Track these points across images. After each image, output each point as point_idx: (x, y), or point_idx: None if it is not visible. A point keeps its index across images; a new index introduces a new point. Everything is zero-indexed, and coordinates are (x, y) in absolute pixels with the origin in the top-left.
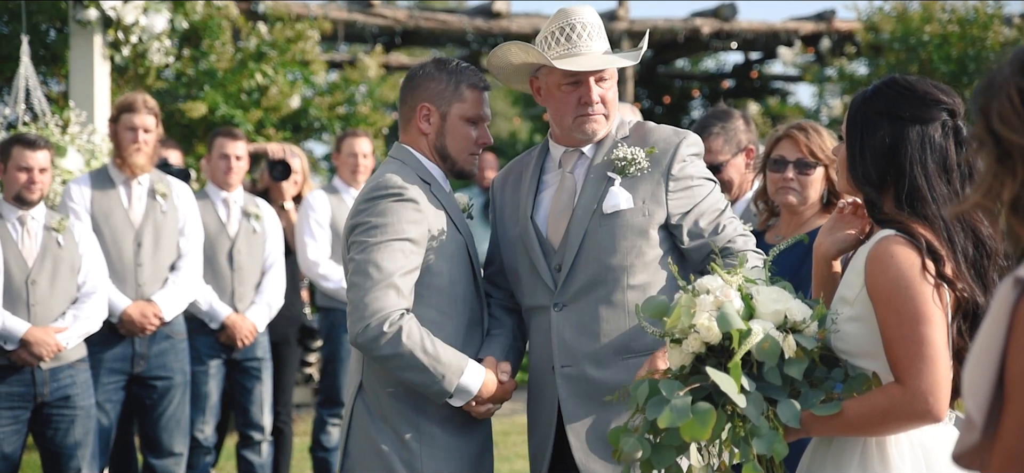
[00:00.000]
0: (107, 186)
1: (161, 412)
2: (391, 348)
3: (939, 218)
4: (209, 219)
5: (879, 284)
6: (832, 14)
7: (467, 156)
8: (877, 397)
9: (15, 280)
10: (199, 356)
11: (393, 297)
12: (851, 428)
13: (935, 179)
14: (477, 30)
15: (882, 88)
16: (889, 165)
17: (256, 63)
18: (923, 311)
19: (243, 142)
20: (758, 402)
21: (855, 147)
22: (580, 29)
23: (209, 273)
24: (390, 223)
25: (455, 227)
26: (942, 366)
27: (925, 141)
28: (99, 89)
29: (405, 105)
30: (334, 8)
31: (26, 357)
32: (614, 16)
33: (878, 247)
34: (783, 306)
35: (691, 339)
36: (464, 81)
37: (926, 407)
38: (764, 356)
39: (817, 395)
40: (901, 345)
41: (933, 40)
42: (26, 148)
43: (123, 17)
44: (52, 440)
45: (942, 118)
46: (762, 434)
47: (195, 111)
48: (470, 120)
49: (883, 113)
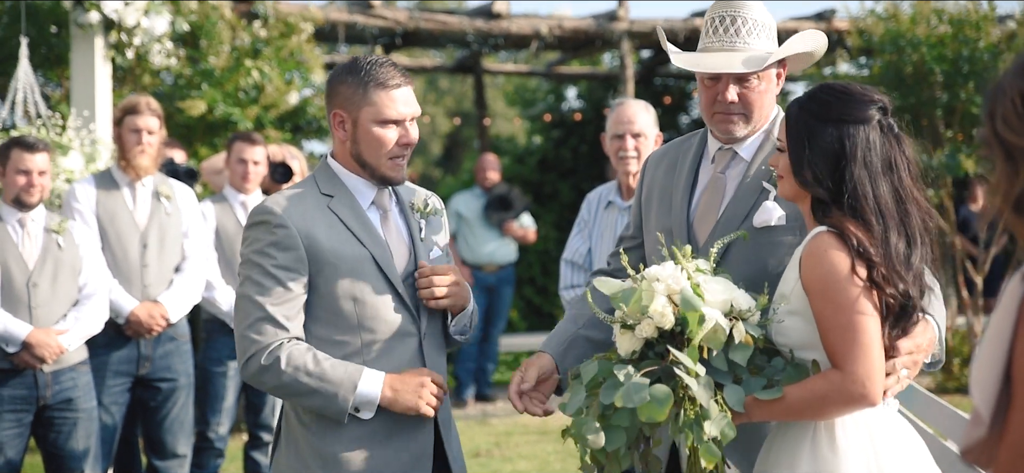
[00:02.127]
0: (112, 188)
1: (165, 414)
2: (273, 379)
3: (878, 217)
4: (228, 222)
5: (813, 278)
6: (832, 13)
7: (387, 161)
8: (816, 382)
9: (16, 283)
10: (218, 357)
11: (269, 329)
12: (792, 412)
13: (878, 177)
14: (477, 31)
15: (818, 94)
16: (836, 168)
17: (252, 60)
18: (855, 301)
19: (261, 147)
20: (709, 386)
21: (802, 153)
22: (729, 22)
23: (229, 275)
24: (260, 252)
25: (358, 241)
26: (876, 352)
27: (868, 141)
28: (100, 91)
29: (327, 112)
30: (334, 9)
31: (28, 360)
32: (614, 16)
33: (812, 243)
34: (729, 296)
35: (644, 324)
36: (372, 81)
37: (862, 391)
38: (713, 342)
39: (759, 381)
40: (837, 334)
41: (926, 41)
42: (25, 151)
43: (124, 19)
44: (54, 443)
45: (878, 117)
46: (713, 417)
47: (194, 109)
48: (383, 122)
49: (825, 119)
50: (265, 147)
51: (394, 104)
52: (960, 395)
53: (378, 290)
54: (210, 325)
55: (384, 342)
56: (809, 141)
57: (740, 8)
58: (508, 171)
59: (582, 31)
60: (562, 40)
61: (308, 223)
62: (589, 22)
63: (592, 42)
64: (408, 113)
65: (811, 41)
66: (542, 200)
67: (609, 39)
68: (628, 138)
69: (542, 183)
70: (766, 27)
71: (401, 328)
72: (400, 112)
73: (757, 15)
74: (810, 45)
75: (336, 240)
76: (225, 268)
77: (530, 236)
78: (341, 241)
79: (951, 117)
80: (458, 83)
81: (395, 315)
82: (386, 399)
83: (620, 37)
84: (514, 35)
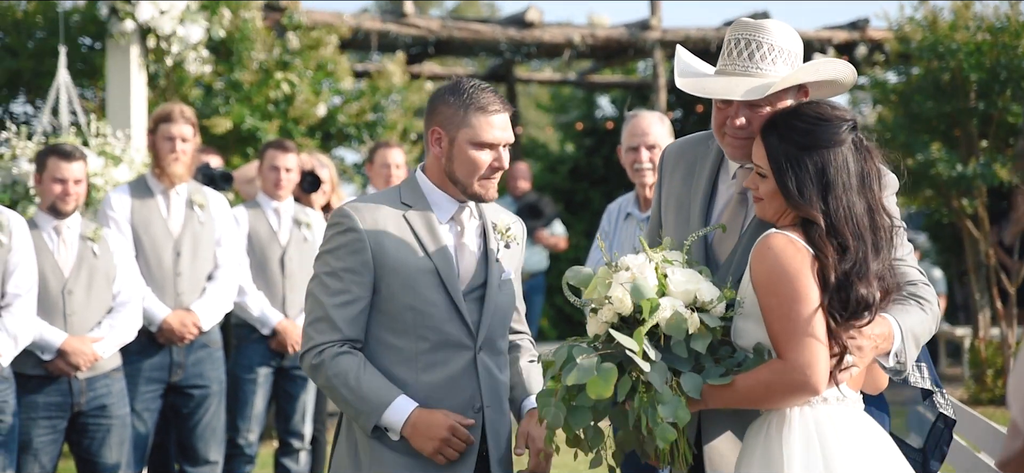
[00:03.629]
0: (146, 196)
1: (197, 421)
2: (320, 379)
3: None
4: (261, 228)
5: (759, 273)
6: (866, 22)
7: (476, 181)
8: (761, 371)
9: (52, 290)
10: (248, 364)
11: (325, 330)
12: (740, 398)
13: (854, 197)
14: (510, 40)
15: (794, 122)
16: (821, 193)
17: (282, 72)
18: (800, 291)
19: (294, 154)
20: (662, 371)
21: (788, 180)
22: (743, 46)
23: (261, 280)
24: (330, 252)
25: (424, 253)
26: (820, 342)
27: (844, 163)
28: (136, 100)
29: (425, 128)
30: (367, 18)
31: (63, 367)
32: (646, 25)
33: (760, 243)
34: (694, 287)
35: (605, 309)
36: (473, 105)
37: (805, 379)
38: (671, 330)
39: (718, 370)
40: (780, 323)
41: (964, 48)
42: (61, 159)
43: (160, 27)
44: (88, 449)
45: (851, 137)
46: (666, 401)
47: (220, 127)
48: (478, 145)
49: (804, 147)
50: (298, 155)
51: (491, 129)
52: (993, 407)
53: (437, 301)
54: (240, 331)
55: (438, 352)
56: (793, 168)
57: (759, 32)
58: (540, 179)
59: (615, 40)
60: (595, 49)
61: (379, 229)
62: (622, 31)
63: (625, 51)
64: (503, 138)
65: (827, 70)
66: (574, 208)
67: (641, 48)
68: (643, 150)
69: (574, 191)
70: (785, 52)
71: (456, 340)
72: (496, 137)
73: (777, 40)
74: (827, 74)
75: (404, 249)
76: (256, 274)
77: (561, 244)
78: (408, 251)
79: (987, 126)
80: None
81: (451, 327)
82: (407, 431)
83: (653, 46)
84: (547, 44)
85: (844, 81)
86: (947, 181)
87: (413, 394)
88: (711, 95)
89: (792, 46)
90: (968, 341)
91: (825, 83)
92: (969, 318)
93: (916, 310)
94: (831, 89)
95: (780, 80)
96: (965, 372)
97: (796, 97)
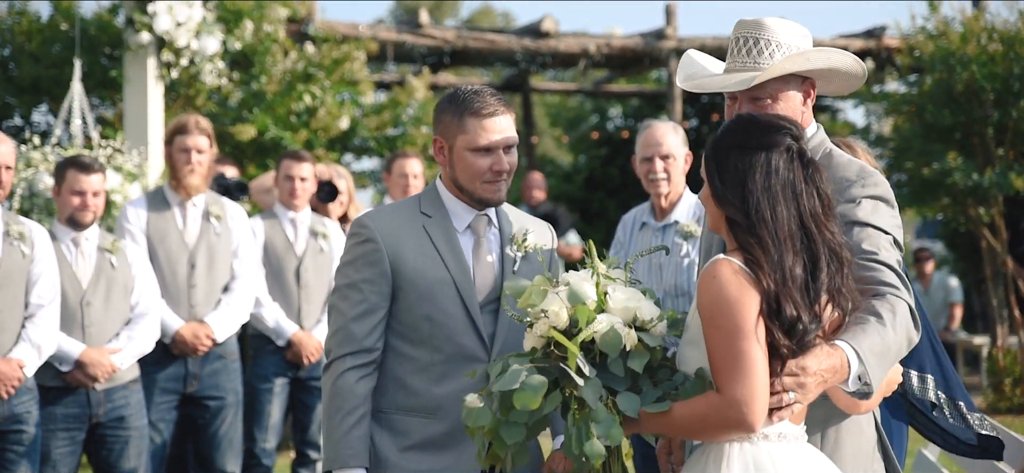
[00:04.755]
0: (162, 207)
1: (214, 431)
2: (327, 387)
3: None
4: (277, 238)
5: (705, 302)
6: (882, 31)
7: (480, 186)
8: (698, 403)
9: (70, 301)
10: (265, 374)
11: (342, 341)
12: (675, 428)
13: (778, 201)
14: (525, 50)
15: (731, 125)
16: (742, 191)
17: (304, 84)
18: (742, 327)
19: (309, 164)
20: (596, 387)
21: (715, 179)
22: (751, 43)
23: (276, 291)
24: (350, 263)
25: (442, 264)
26: (759, 379)
27: (770, 166)
28: (153, 111)
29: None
30: (383, 29)
31: (81, 378)
32: (662, 35)
33: (707, 270)
34: (634, 305)
35: (541, 323)
36: (467, 111)
37: (741, 416)
38: (607, 346)
39: (656, 393)
40: (721, 357)
41: (977, 59)
42: (80, 171)
43: (176, 40)
44: (106, 460)
45: (786, 143)
46: (600, 419)
47: (244, 134)
48: (476, 150)
49: (733, 146)
50: (313, 164)
51: (486, 132)
52: (1012, 415)
53: (453, 313)
54: (257, 341)
55: (452, 363)
56: (720, 167)
57: (760, 29)
58: (555, 189)
59: (630, 49)
60: (610, 58)
61: (398, 239)
62: (637, 40)
63: (640, 60)
64: (501, 141)
65: (819, 59)
66: (589, 218)
67: (657, 57)
68: (657, 160)
69: (589, 201)
70: (786, 47)
71: (470, 352)
72: (492, 140)
73: (778, 36)
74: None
75: (422, 260)
76: (272, 284)
77: (576, 254)
78: (426, 261)
79: (1002, 135)
80: None
81: (466, 339)
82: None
83: (668, 55)
84: (562, 54)
85: (847, 71)
86: (963, 190)
87: (425, 405)
88: (705, 90)
89: (795, 42)
90: (986, 350)
91: (836, 77)
92: (987, 327)
93: (874, 328)
94: (843, 83)
95: (768, 71)
96: (983, 381)
97: (802, 89)
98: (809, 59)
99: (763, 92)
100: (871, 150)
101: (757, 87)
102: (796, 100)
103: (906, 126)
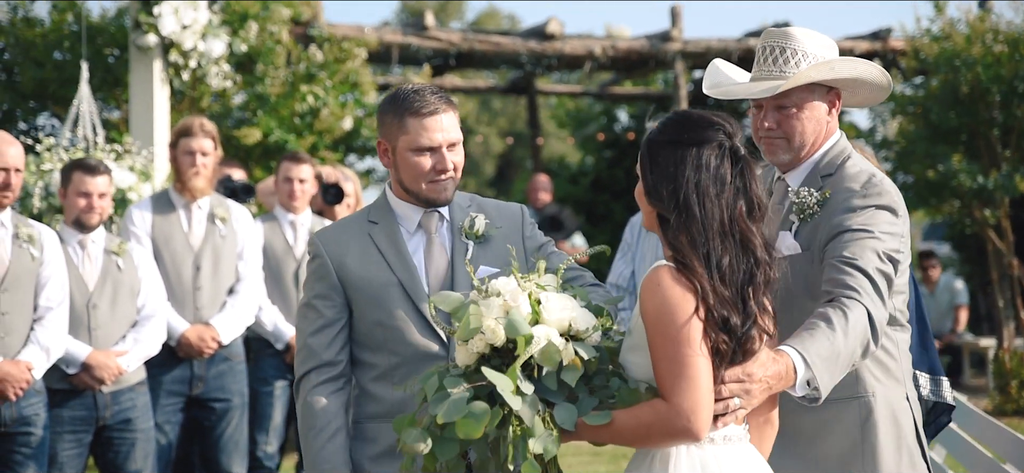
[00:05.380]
0: (167, 210)
1: (220, 433)
2: (298, 408)
3: (702, 235)
4: (276, 240)
5: (649, 309)
6: (887, 33)
7: (425, 186)
8: (643, 410)
9: (76, 304)
10: (265, 377)
11: (305, 358)
12: (619, 437)
13: (707, 197)
14: (531, 52)
15: (665, 122)
16: (670, 186)
17: (307, 85)
18: (687, 335)
19: (308, 165)
20: (534, 404)
21: (647, 175)
22: (778, 52)
23: (276, 293)
24: (306, 284)
25: (387, 267)
26: (704, 387)
27: (700, 162)
28: (159, 113)
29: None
30: (389, 31)
31: (88, 381)
32: (667, 37)
33: (649, 276)
34: (569, 315)
35: (476, 340)
36: (407, 111)
37: (687, 424)
38: (544, 361)
39: (592, 402)
40: (666, 365)
41: (982, 60)
42: (86, 173)
43: (182, 42)
44: (113, 462)
45: (718, 140)
46: (537, 434)
47: (250, 137)
48: (417, 150)
49: (665, 143)
50: (313, 166)
51: (427, 132)
52: (1018, 418)
53: (405, 314)
54: (257, 344)
55: (411, 365)
56: (651, 164)
57: (786, 38)
58: (562, 191)
59: (635, 51)
60: (615, 60)
61: (341, 251)
62: (642, 42)
63: (645, 62)
64: (442, 140)
65: (845, 69)
66: (595, 220)
67: (662, 59)
68: None
69: (595, 203)
70: (811, 56)
71: (428, 352)
72: (433, 139)
73: (803, 45)
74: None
75: (367, 266)
76: (272, 287)
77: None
78: (371, 267)
79: (1008, 136)
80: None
81: (421, 338)
82: None
83: (673, 57)
84: (567, 56)
85: (873, 82)
86: (969, 192)
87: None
88: (731, 96)
89: (820, 51)
90: (992, 352)
91: (862, 88)
92: (993, 329)
93: (823, 333)
94: (868, 94)
95: (792, 78)
96: (990, 383)
97: (827, 99)
98: (834, 68)
99: (788, 100)
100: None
101: (782, 95)
102: (821, 109)
103: (911, 128)
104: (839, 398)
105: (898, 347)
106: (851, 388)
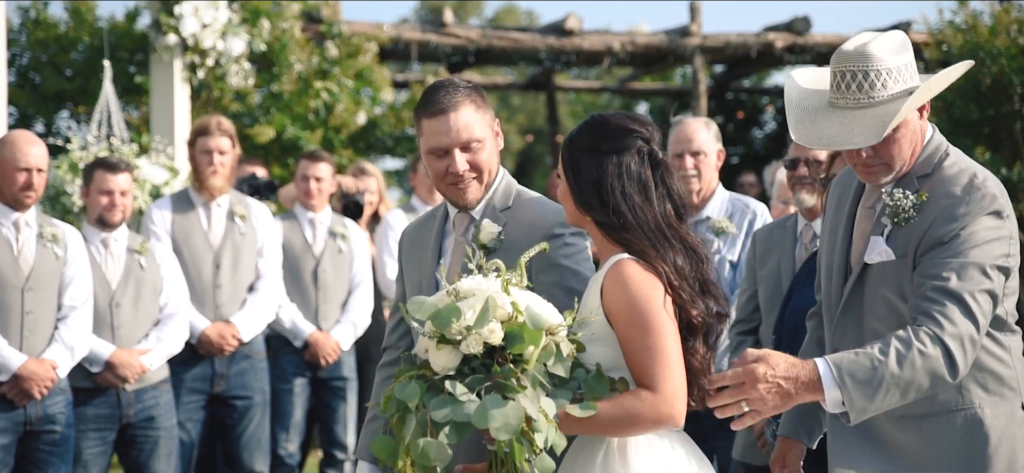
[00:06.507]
0: (187, 209)
1: (242, 431)
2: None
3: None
4: (295, 238)
5: (617, 304)
6: (908, 26)
7: (445, 189)
8: (628, 400)
9: (99, 303)
10: (284, 374)
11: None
12: (601, 427)
13: (634, 200)
14: (549, 48)
15: (583, 128)
16: (598, 193)
17: (321, 81)
18: (661, 325)
19: (326, 164)
20: (535, 399)
21: (572, 182)
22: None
23: (294, 291)
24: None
25: (420, 268)
26: (681, 374)
27: (622, 169)
28: (179, 113)
29: None
30: (407, 28)
31: (111, 379)
32: (686, 32)
33: (613, 270)
34: (540, 309)
35: (472, 339)
36: (421, 111)
37: (672, 411)
38: (545, 355)
39: (565, 394)
40: (646, 355)
41: (1007, 52)
42: (108, 171)
43: (201, 41)
44: (136, 460)
45: (637, 146)
46: (542, 428)
47: (263, 136)
48: (430, 152)
49: (586, 150)
50: (331, 164)
51: (435, 134)
52: None
53: None
54: (277, 342)
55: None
56: (576, 172)
57: (865, 61)
58: None
59: (654, 47)
60: (634, 56)
61: (407, 245)
62: (661, 38)
63: (664, 58)
64: (450, 142)
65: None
66: None
67: (681, 54)
68: (687, 157)
69: None
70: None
71: None
72: (441, 142)
73: (884, 62)
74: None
75: (411, 264)
76: (290, 285)
77: None
78: (413, 266)
79: None
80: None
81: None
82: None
83: (693, 52)
84: (586, 52)
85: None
86: None
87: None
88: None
89: (900, 60)
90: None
91: None
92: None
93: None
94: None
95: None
96: None
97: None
98: (931, 89)
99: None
100: None
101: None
102: (914, 122)
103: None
104: (937, 412)
105: (1010, 353)
106: (952, 400)
